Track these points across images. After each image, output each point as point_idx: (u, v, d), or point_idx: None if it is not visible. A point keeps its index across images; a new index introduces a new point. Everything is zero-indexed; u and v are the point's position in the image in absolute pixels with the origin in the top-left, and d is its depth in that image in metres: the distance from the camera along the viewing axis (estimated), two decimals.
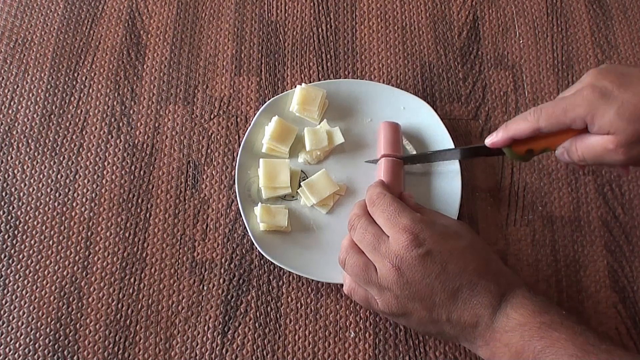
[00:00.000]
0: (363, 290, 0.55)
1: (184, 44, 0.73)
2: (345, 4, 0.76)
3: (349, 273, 0.54)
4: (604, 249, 0.64)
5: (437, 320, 0.51)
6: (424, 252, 0.50)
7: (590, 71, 0.53)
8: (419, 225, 0.51)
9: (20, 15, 0.75)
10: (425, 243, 0.51)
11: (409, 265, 0.50)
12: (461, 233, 0.53)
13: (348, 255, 0.54)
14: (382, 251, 0.52)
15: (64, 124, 0.69)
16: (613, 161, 0.51)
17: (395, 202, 0.54)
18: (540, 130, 0.53)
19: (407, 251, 0.50)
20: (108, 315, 0.61)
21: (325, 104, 0.68)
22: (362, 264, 0.53)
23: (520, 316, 0.49)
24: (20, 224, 0.64)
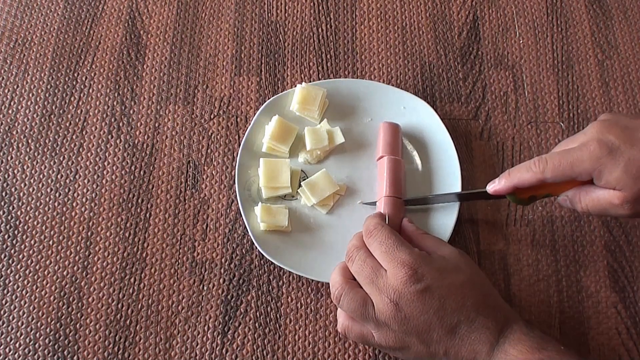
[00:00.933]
0: (359, 326, 0.53)
1: (184, 44, 0.73)
2: (345, 4, 0.76)
3: (345, 309, 0.52)
4: (604, 249, 0.64)
5: (434, 354, 0.50)
6: (423, 287, 0.49)
7: (594, 123, 0.53)
8: (417, 260, 0.50)
9: (20, 15, 0.75)
10: (423, 278, 0.50)
11: (407, 300, 0.49)
12: (460, 266, 0.52)
13: (344, 292, 0.52)
14: (380, 285, 0.50)
15: (64, 124, 0.69)
16: (617, 215, 0.52)
17: (392, 235, 0.53)
18: (545, 181, 0.53)
19: (405, 286, 0.49)
20: (108, 315, 0.61)
21: (325, 104, 0.68)
22: (359, 299, 0.51)
23: (519, 352, 0.48)
24: (20, 224, 0.64)
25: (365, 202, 0.64)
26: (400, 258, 0.51)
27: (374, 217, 0.57)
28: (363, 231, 0.56)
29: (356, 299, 0.51)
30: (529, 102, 0.71)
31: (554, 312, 0.62)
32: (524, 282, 0.63)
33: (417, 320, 0.49)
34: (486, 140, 0.69)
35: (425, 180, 0.65)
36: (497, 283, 0.63)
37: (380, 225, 0.54)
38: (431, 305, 0.49)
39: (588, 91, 0.72)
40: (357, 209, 0.65)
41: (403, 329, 0.50)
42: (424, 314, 0.49)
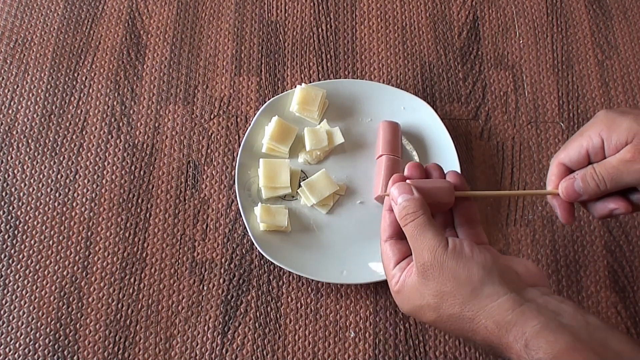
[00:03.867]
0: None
1: (184, 44, 0.73)
2: (345, 4, 0.76)
3: None
4: (604, 249, 0.64)
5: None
6: (422, 320, 0.48)
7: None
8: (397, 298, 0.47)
9: (20, 15, 0.75)
10: (413, 315, 0.47)
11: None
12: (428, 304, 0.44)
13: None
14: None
15: (64, 124, 0.69)
16: (633, 177, 0.47)
17: (383, 262, 0.48)
18: (563, 163, 0.51)
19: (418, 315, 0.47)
20: (108, 315, 0.61)
21: (325, 104, 0.68)
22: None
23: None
24: (20, 224, 0.64)
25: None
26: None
27: (382, 214, 0.49)
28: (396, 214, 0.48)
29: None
30: (529, 102, 0.71)
31: None
32: None
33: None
34: (486, 140, 0.69)
35: None
36: None
37: (381, 237, 0.49)
38: (444, 330, 0.48)
39: (588, 91, 0.72)
40: (356, 209, 0.65)
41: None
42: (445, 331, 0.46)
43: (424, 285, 0.43)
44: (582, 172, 0.49)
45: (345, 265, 0.61)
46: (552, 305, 0.42)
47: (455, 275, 0.43)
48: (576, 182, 0.49)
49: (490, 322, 0.41)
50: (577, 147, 0.50)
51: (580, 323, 0.40)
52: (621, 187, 0.48)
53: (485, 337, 0.42)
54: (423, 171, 0.49)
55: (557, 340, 0.39)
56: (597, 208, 0.50)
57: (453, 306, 0.43)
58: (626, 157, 0.47)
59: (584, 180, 0.49)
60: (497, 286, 0.42)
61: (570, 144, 0.50)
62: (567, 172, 0.51)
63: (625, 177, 0.47)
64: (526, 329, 0.40)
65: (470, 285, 0.42)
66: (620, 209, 0.49)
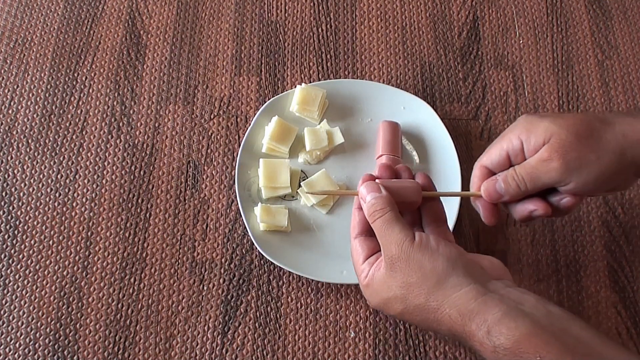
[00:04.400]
0: None
1: (184, 44, 0.73)
2: (345, 4, 0.76)
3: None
4: (604, 249, 0.64)
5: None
6: (389, 314, 0.48)
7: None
8: (365, 292, 0.47)
9: (20, 15, 0.75)
10: (381, 309, 0.47)
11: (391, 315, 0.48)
12: (395, 296, 0.45)
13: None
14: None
15: (64, 124, 0.69)
16: (550, 176, 0.49)
17: (352, 258, 0.48)
18: (485, 166, 0.52)
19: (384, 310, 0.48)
20: (108, 315, 0.61)
21: (325, 104, 0.68)
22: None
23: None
24: (20, 224, 0.64)
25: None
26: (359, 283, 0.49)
27: (352, 212, 0.50)
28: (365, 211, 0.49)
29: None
30: (529, 102, 0.71)
31: None
32: (524, 282, 0.63)
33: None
34: (486, 140, 0.69)
35: None
36: None
37: (351, 233, 0.49)
38: (411, 322, 0.48)
39: (588, 91, 0.72)
40: None
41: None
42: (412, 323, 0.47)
43: (391, 277, 0.44)
44: (503, 173, 0.51)
45: (345, 265, 0.61)
46: (514, 296, 0.43)
47: (420, 266, 0.44)
48: (498, 183, 0.51)
49: (454, 311, 0.42)
50: (498, 150, 0.51)
51: (542, 311, 0.41)
52: (540, 187, 0.50)
53: (450, 326, 0.43)
54: (393, 172, 0.50)
55: (518, 326, 0.40)
56: (517, 210, 0.52)
57: (419, 296, 0.43)
58: (543, 156, 0.48)
59: (505, 181, 0.50)
60: (462, 277, 0.43)
61: (491, 147, 0.52)
62: (489, 175, 0.52)
63: (543, 177, 0.49)
64: (488, 317, 0.41)
65: (436, 276, 0.43)
66: (539, 211, 0.50)
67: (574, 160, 0.48)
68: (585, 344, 0.40)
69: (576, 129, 0.48)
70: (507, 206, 0.53)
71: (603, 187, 0.50)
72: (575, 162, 0.48)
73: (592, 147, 0.48)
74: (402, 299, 0.44)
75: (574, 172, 0.48)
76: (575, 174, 0.48)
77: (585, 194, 0.50)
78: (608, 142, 0.48)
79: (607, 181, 0.49)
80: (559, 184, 0.49)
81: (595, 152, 0.48)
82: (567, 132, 0.48)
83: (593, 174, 0.48)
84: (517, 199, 0.51)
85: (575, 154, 0.48)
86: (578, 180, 0.48)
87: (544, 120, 0.49)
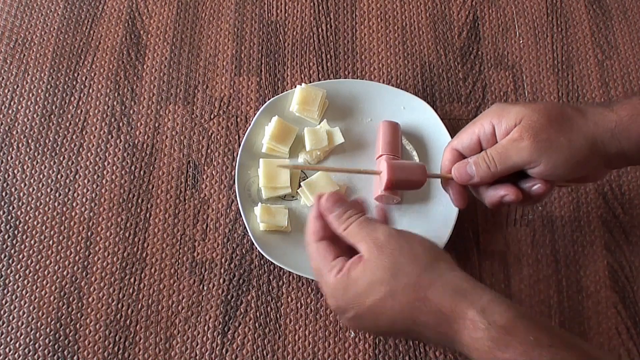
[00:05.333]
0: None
1: (184, 44, 0.73)
2: (345, 4, 0.76)
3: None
4: (604, 249, 0.64)
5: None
6: (351, 316, 0.46)
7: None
8: (335, 291, 0.46)
9: (20, 15, 0.75)
10: (347, 310, 0.46)
11: (348, 324, 0.49)
12: (374, 278, 0.45)
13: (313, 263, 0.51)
14: (326, 295, 0.49)
15: (64, 124, 0.69)
16: (521, 156, 0.49)
17: (314, 259, 0.49)
18: (456, 149, 0.53)
19: (339, 317, 0.49)
20: (108, 315, 0.61)
21: (325, 104, 0.68)
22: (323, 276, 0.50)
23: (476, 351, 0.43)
24: (20, 224, 0.64)
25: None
26: (322, 290, 0.48)
27: (306, 227, 0.50)
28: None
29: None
30: (528, 102, 0.71)
31: (554, 312, 0.62)
32: (524, 282, 0.63)
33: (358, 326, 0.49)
34: None
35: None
36: (497, 283, 0.63)
37: (308, 245, 0.50)
38: (370, 328, 0.50)
39: (588, 91, 0.72)
40: None
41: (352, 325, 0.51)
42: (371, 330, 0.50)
43: (378, 259, 0.44)
44: (474, 156, 0.51)
45: None
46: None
47: (412, 247, 0.45)
48: (469, 165, 0.51)
49: (448, 288, 0.43)
50: (469, 134, 0.52)
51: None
52: (510, 167, 0.50)
53: (438, 304, 0.43)
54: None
55: (510, 309, 0.42)
56: (488, 195, 0.52)
57: (410, 275, 0.44)
58: (514, 136, 0.49)
59: (476, 162, 0.51)
60: (450, 262, 0.45)
61: (463, 132, 0.53)
62: (460, 158, 0.53)
63: (514, 156, 0.49)
64: (482, 297, 0.42)
65: (428, 257, 0.45)
66: (510, 196, 0.51)
67: (545, 141, 0.48)
68: (568, 336, 0.42)
69: (548, 113, 0.49)
70: (478, 192, 0.53)
71: (573, 173, 0.50)
72: (546, 142, 0.48)
73: (564, 131, 0.49)
74: (388, 280, 0.44)
75: (544, 153, 0.48)
76: (545, 155, 0.49)
77: (555, 179, 0.51)
78: (579, 128, 0.49)
79: (577, 167, 0.49)
80: (529, 165, 0.49)
81: (566, 135, 0.48)
82: (538, 114, 0.49)
83: (563, 157, 0.48)
84: (488, 181, 0.51)
85: (545, 135, 0.48)
86: (548, 162, 0.49)
87: (515, 105, 0.50)
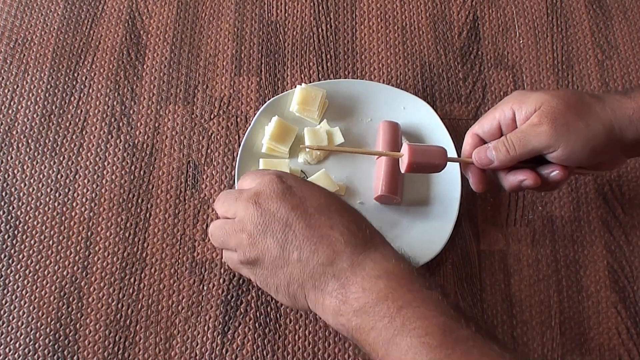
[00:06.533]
0: (228, 251, 0.52)
1: (184, 44, 0.73)
2: (345, 4, 0.76)
3: (215, 240, 0.52)
4: (604, 249, 0.64)
5: (287, 261, 0.47)
6: (285, 187, 0.48)
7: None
8: (285, 173, 0.50)
9: (20, 15, 0.75)
10: (287, 181, 0.48)
11: (266, 197, 0.48)
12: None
13: (212, 226, 0.52)
14: (243, 196, 0.49)
15: (64, 124, 0.69)
16: (539, 139, 0.50)
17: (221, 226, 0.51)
18: (477, 134, 0.55)
19: (267, 186, 0.48)
20: (108, 315, 0.61)
21: (325, 104, 0.68)
22: (220, 223, 0.51)
23: (393, 266, 0.45)
24: (20, 224, 0.64)
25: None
26: (268, 172, 0.50)
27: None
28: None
29: (217, 224, 0.51)
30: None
31: (554, 312, 0.62)
32: (524, 282, 0.63)
33: (275, 216, 0.47)
34: None
35: (425, 180, 0.65)
36: (497, 283, 0.63)
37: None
38: (291, 202, 0.48)
39: (588, 91, 0.72)
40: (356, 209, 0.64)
41: (259, 229, 0.48)
42: (281, 209, 0.47)
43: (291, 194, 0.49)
44: (495, 141, 0.53)
45: None
46: None
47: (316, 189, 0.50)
48: (489, 150, 0.53)
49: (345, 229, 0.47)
50: (490, 119, 0.54)
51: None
52: (529, 151, 0.51)
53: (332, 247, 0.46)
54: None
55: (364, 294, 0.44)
56: (508, 179, 0.53)
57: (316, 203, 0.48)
58: (533, 121, 0.51)
59: (496, 147, 0.52)
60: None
61: (484, 117, 0.55)
62: (481, 143, 0.55)
63: (533, 140, 0.51)
64: (378, 249, 0.47)
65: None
66: (529, 181, 0.52)
67: (563, 126, 0.49)
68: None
69: (567, 99, 0.51)
70: (497, 175, 0.54)
71: (590, 159, 0.51)
72: (564, 127, 0.49)
73: (582, 116, 0.50)
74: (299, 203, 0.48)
75: (563, 137, 0.50)
76: (563, 139, 0.50)
77: (572, 164, 0.52)
78: (597, 114, 0.50)
79: (595, 153, 0.50)
80: (548, 150, 0.50)
81: (584, 120, 0.50)
82: (557, 100, 0.50)
83: (581, 141, 0.50)
84: (507, 165, 0.52)
85: (564, 119, 0.50)
86: (566, 146, 0.50)
87: (536, 92, 0.52)
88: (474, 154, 0.54)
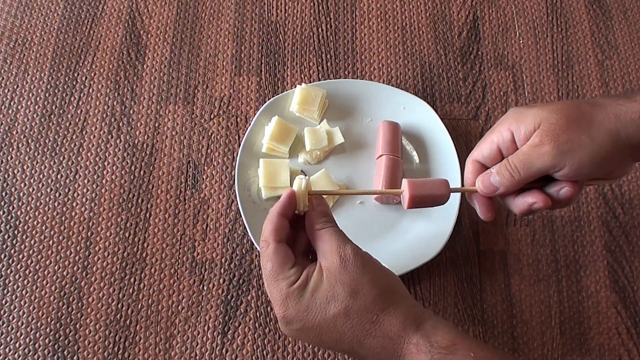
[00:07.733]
0: None
1: (184, 44, 0.73)
2: (345, 4, 0.76)
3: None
4: (604, 249, 0.64)
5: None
6: (296, 328, 0.46)
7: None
8: (285, 302, 0.45)
9: (20, 15, 0.75)
10: (293, 321, 0.46)
11: (289, 333, 0.47)
12: (335, 294, 0.45)
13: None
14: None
15: (64, 124, 0.69)
16: (543, 161, 0.48)
17: (270, 261, 0.47)
18: (477, 160, 0.53)
19: (282, 325, 0.47)
20: (108, 315, 0.61)
21: (325, 104, 0.68)
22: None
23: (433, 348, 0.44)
24: (20, 224, 0.64)
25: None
26: (271, 294, 0.47)
27: (266, 224, 0.48)
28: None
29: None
30: (529, 102, 0.71)
31: (554, 312, 0.62)
32: (524, 282, 0.63)
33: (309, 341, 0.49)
34: None
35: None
36: (497, 283, 0.63)
37: (266, 243, 0.47)
38: (310, 341, 0.48)
39: (588, 91, 0.72)
40: (356, 209, 0.65)
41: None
42: (311, 343, 0.49)
43: (339, 274, 0.45)
44: (497, 166, 0.50)
45: None
46: None
47: (372, 270, 0.46)
48: (492, 176, 0.50)
49: (399, 314, 0.44)
50: (488, 143, 0.51)
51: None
52: (535, 173, 0.49)
53: (387, 329, 0.44)
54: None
55: (450, 331, 0.44)
56: (517, 204, 0.51)
57: (367, 295, 0.44)
58: (534, 142, 0.48)
59: (499, 172, 0.50)
60: (404, 290, 0.47)
61: (482, 142, 0.52)
62: (482, 170, 0.52)
63: (536, 162, 0.48)
64: (427, 321, 0.45)
65: (386, 281, 0.46)
66: (539, 203, 0.50)
67: (566, 143, 0.47)
68: (504, 354, 0.46)
69: (566, 113, 0.48)
70: (505, 201, 0.52)
71: (599, 171, 0.49)
72: (567, 144, 0.47)
73: (584, 129, 0.47)
74: (344, 299, 0.44)
75: (567, 155, 0.47)
76: (568, 157, 0.47)
77: (582, 179, 0.50)
78: (600, 124, 0.48)
79: (603, 163, 0.48)
80: (554, 169, 0.48)
81: (587, 133, 0.47)
82: (556, 115, 0.48)
83: (587, 156, 0.47)
84: (513, 190, 0.50)
85: (566, 136, 0.47)
86: (572, 163, 0.48)
87: (532, 108, 0.49)
88: (477, 181, 0.51)
